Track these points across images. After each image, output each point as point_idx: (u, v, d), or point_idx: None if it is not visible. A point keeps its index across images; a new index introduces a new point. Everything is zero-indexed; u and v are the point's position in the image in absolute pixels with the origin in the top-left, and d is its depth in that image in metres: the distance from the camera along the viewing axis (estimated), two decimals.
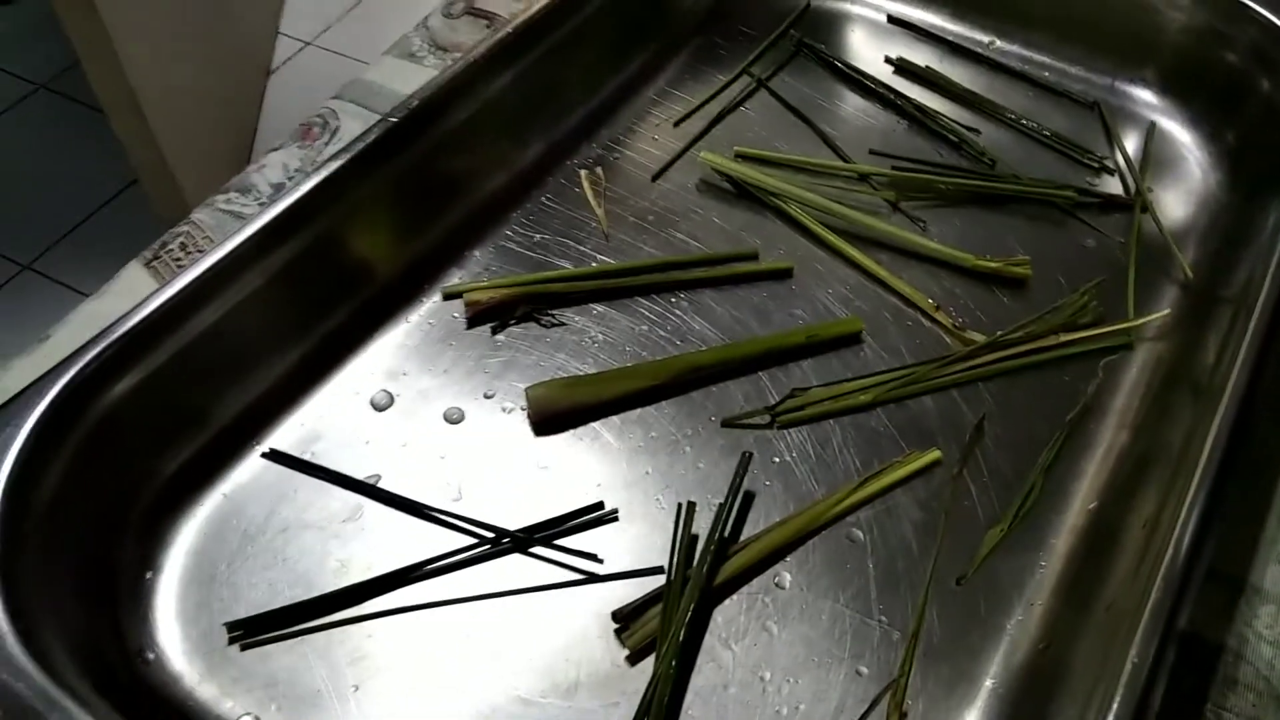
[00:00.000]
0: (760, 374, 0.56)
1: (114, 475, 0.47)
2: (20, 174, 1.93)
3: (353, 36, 2.12)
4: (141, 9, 1.58)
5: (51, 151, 1.96)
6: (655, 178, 0.65)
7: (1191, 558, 0.40)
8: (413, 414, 0.53)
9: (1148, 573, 0.40)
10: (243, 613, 0.46)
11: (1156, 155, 0.66)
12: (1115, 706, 0.36)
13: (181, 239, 0.62)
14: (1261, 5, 0.62)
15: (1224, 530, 0.49)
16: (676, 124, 0.69)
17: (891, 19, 0.75)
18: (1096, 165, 0.66)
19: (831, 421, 0.54)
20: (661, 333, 0.57)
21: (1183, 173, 0.65)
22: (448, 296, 0.58)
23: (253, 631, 0.46)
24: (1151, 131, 0.67)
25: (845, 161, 0.66)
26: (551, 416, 0.53)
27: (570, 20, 0.67)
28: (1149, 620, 0.38)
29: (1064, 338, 0.56)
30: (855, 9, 0.76)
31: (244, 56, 2.00)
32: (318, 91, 0.73)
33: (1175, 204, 0.64)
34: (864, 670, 0.45)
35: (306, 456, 0.51)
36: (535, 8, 0.65)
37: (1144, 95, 0.69)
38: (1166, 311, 0.57)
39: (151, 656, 0.45)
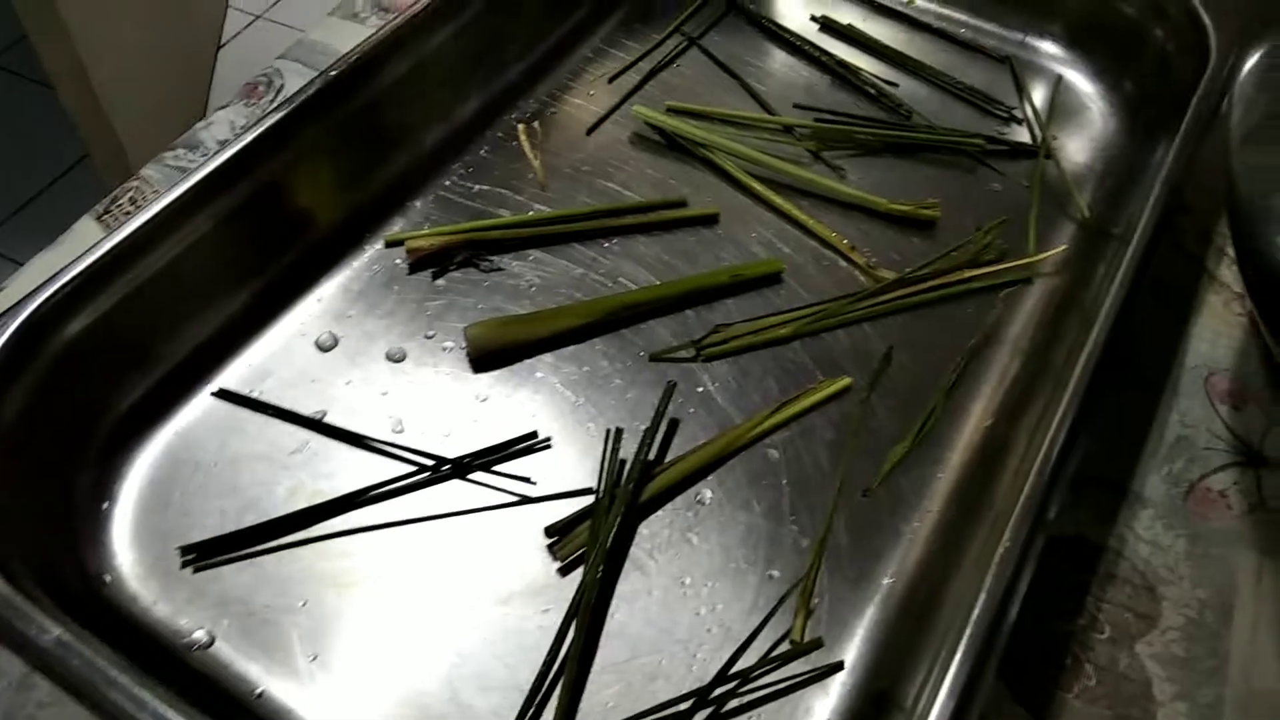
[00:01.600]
0: (687, 312, 0.59)
1: (70, 411, 0.50)
2: None
3: (302, 9, 2.12)
4: None
5: (2, 128, 1.95)
6: (590, 131, 0.68)
7: (1061, 459, 0.44)
8: (357, 354, 0.56)
9: (1024, 475, 0.44)
10: (196, 538, 0.49)
11: (1062, 106, 0.70)
12: (986, 586, 0.40)
13: (131, 193, 0.64)
14: None
15: (1110, 442, 0.54)
16: (611, 80, 0.72)
17: None
18: (1006, 116, 0.69)
19: (752, 354, 0.57)
20: (594, 276, 0.61)
21: (1085, 121, 0.69)
22: (390, 244, 0.61)
23: (205, 555, 0.49)
24: (1058, 84, 0.71)
25: (770, 114, 0.70)
26: (489, 353, 0.56)
27: None
28: (1019, 514, 0.42)
29: (968, 273, 0.60)
30: None
31: (194, 30, 2.00)
32: (267, 64, 0.75)
33: (1077, 150, 0.68)
34: (776, 574, 0.49)
35: (254, 395, 0.54)
36: None
37: (1052, 49, 0.73)
38: (1063, 247, 0.61)
39: (109, 579, 0.48)
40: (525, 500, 0.51)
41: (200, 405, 0.54)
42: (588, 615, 0.46)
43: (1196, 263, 0.62)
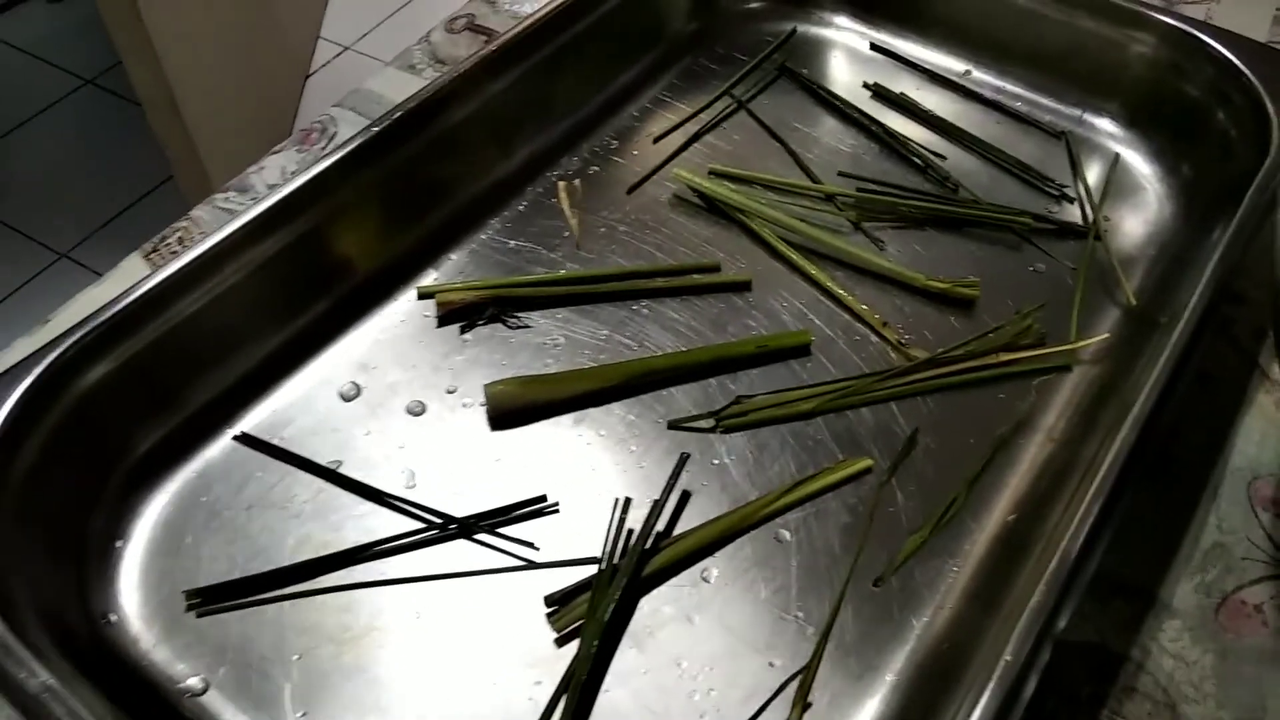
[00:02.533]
0: (710, 380, 0.58)
1: (90, 451, 0.51)
2: (64, 166, 2.01)
3: (391, 41, 2.19)
4: (183, 12, 1.64)
5: (96, 145, 2.04)
6: (630, 191, 0.69)
7: (1078, 563, 0.42)
8: (378, 405, 0.57)
9: (1038, 576, 0.42)
10: (203, 583, 0.50)
11: (1118, 185, 0.68)
12: (984, 700, 0.38)
13: (180, 233, 0.66)
14: (1217, 41, 0.64)
15: (1141, 545, 0.51)
16: (656, 140, 0.72)
17: (874, 46, 0.77)
18: (1057, 194, 0.68)
19: (772, 428, 0.56)
20: (620, 338, 0.60)
21: (1141, 203, 0.67)
22: (422, 296, 0.62)
23: (209, 600, 0.49)
24: (1115, 163, 0.69)
25: (814, 181, 0.69)
26: (508, 413, 0.56)
27: (560, 37, 0.71)
28: (1026, 620, 0.40)
29: (1003, 357, 0.58)
30: (839, 36, 0.79)
31: (283, 59, 2.06)
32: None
33: (1130, 233, 0.66)
34: (776, 662, 0.47)
35: (275, 441, 0.55)
36: (526, 23, 0.69)
37: (1110, 127, 0.71)
38: (1105, 335, 0.59)
39: (114, 619, 0.48)
40: (529, 565, 0.51)
41: (220, 448, 0.55)
42: (578, 693, 0.45)
43: (1248, 358, 0.59)
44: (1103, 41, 0.70)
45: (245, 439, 0.55)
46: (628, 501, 0.52)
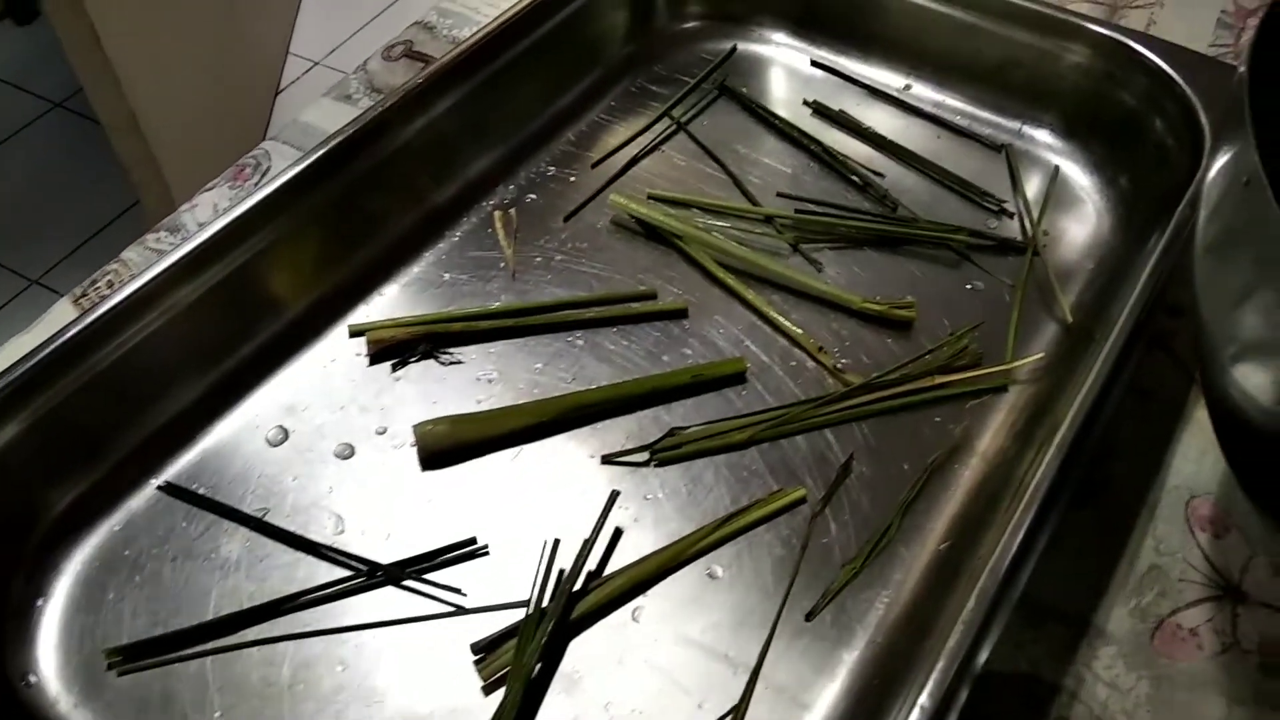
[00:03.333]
0: (645, 412, 0.58)
1: (7, 514, 0.50)
2: (34, 191, 1.99)
3: (362, 55, 2.18)
4: (146, 35, 1.63)
5: (66, 169, 2.02)
6: (567, 219, 0.68)
7: (1000, 591, 0.42)
8: (306, 449, 0.56)
9: (960, 606, 0.42)
10: (125, 639, 0.49)
11: (1058, 198, 0.68)
12: None
13: (110, 276, 0.65)
14: (1150, 50, 0.64)
15: (1075, 570, 0.51)
16: (594, 165, 0.71)
17: (814, 63, 0.77)
18: (996, 209, 0.67)
19: (707, 460, 0.56)
20: (555, 371, 0.60)
21: (1080, 215, 0.67)
22: (353, 334, 0.61)
23: (131, 658, 0.48)
24: (1055, 175, 0.69)
25: (753, 204, 0.68)
26: (438, 453, 0.56)
27: (495, 62, 0.70)
28: (944, 662, 0.40)
29: (939, 380, 0.58)
30: (779, 53, 0.78)
31: (252, 76, 2.05)
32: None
33: (1069, 247, 0.65)
34: (706, 704, 0.47)
35: (200, 490, 0.54)
36: (460, 49, 0.68)
37: (1049, 139, 0.70)
38: (1040, 355, 0.58)
39: (33, 680, 0.48)
40: (458, 611, 0.50)
41: (144, 498, 0.54)
42: None
43: (1187, 373, 0.59)
44: (1038, 53, 0.69)
45: (169, 489, 0.54)
46: (556, 543, 0.51)
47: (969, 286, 0.63)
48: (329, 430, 0.57)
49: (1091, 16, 0.67)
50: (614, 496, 0.53)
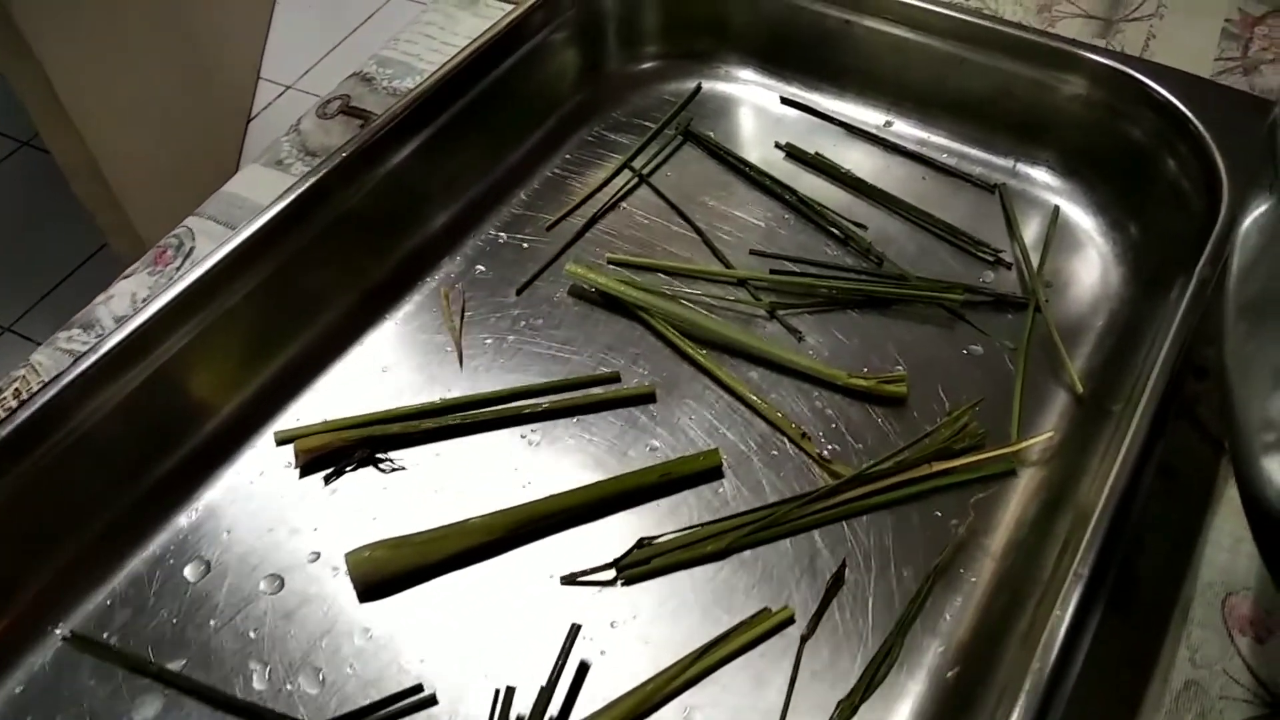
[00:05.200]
0: (611, 518, 0.52)
1: None
2: (2, 234, 1.93)
3: (334, 78, 2.12)
4: (102, 74, 1.57)
5: (35, 210, 1.96)
6: (520, 291, 0.62)
7: None
8: (229, 583, 0.50)
9: None
10: None
11: (1059, 243, 0.61)
12: None
13: (16, 384, 0.59)
14: (1155, 80, 0.58)
15: (1097, 688, 0.44)
16: (549, 228, 0.65)
17: (784, 100, 0.70)
18: (992, 259, 0.61)
19: (682, 574, 0.49)
20: (510, 473, 0.53)
21: (1085, 263, 0.60)
22: (281, 442, 0.55)
23: None
24: (1055, 217, 0.62)
25: (725, 265, 0.62)
26: (376, 583, 0.49)
27: (436, 120, 0.64)
28: None
29: (937, 467, 0.51)
30: (746, 91, 0.72)
31: (222, 105, 1.99)
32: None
33: (1075, 300, 0.59)
34: None
35: (112, 639, 0.48)
36: (399, 106, 0.62)
37: (1046, 178, 0.64)
38: (1050, 434, 0.52)
39: None
40: None
41: (47, 652, 0.48)
42: None
43: (1214, 443, 0.53)
44: (1031, 84, 0.63)
45: (76, 640, 0.48)
46: (510, 691, 0.45)
47: (965, 352, 0.57)
48: (256, 559, 0.51)
49: (1089, 44, 0.61)
50: (575, 630, 0.47)
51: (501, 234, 0.64)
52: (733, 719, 0.45)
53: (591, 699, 0.45)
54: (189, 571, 0.50)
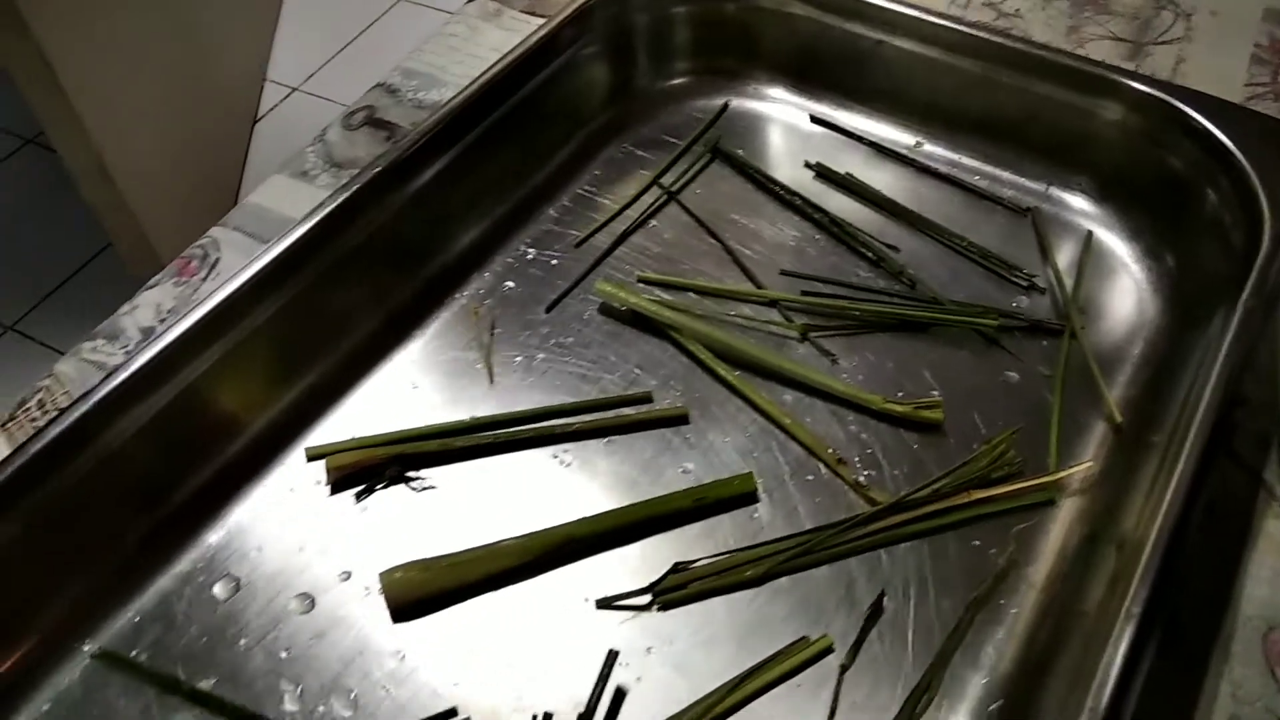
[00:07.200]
0: (645, 542, 0.51)
1: None
2: (6, 233, 1.92)
3: (340, 80, 2.11)
4: (110, 71, 1.56)
5: (39, 208, 1.95)
6: (549, 309, 0.61)
7: None
8: (259, 603, 0.49)
9: None
10: None
11: (1094, 269, 0.61)
12: None
13: (40, 395, 0.58)
14: (1194, 109, 0.57)
15: None
16: (578, 245, 0.65)
17: (814, 119, 0.70)
18: (1026, 284, 0.61)
19: (718, 600, 0.49)
20: (540, 494, 0.53)
21: (1121, 290, 0.60)
22: (311, 458, 0.54)
23: None
24: (1088, 243, 0.62)
25: (756, 285, 0.62)
26: (409, 603, 0.49)
27: (466, 137, 0.63)
28: None
29: (976, 495, 0.51)
30: (775, 110, 0.71)
31: (228, 106, 1.98)
32: (304, 137, 0.70)
33: (1110, 327, 0.58)
34: None
35: (141, 656, 0.47)
36: (430, 122, 0.61)
37: (1080, 204, 0.64)
38: (1089, 464, 0.52)
39: None
40: None
41: (75, 671, 0.47)
42: None
43: (1253, 475, 0.52)
44: (1066, 108, 0.63)
45: (104, 657, 0.47)
46: (547, 718, 0.44)
47: (1001, 379, 0.57)
48: (286, 578, 0.50)
49: (1126, 70, 0.61)
50: (613, 657, 0.46)
51: (530, 250, 0.64)
52: None
53: None
54: (219, 589, 0.49)
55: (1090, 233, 0.62)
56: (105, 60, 1.56)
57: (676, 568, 0.50)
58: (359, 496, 0.53)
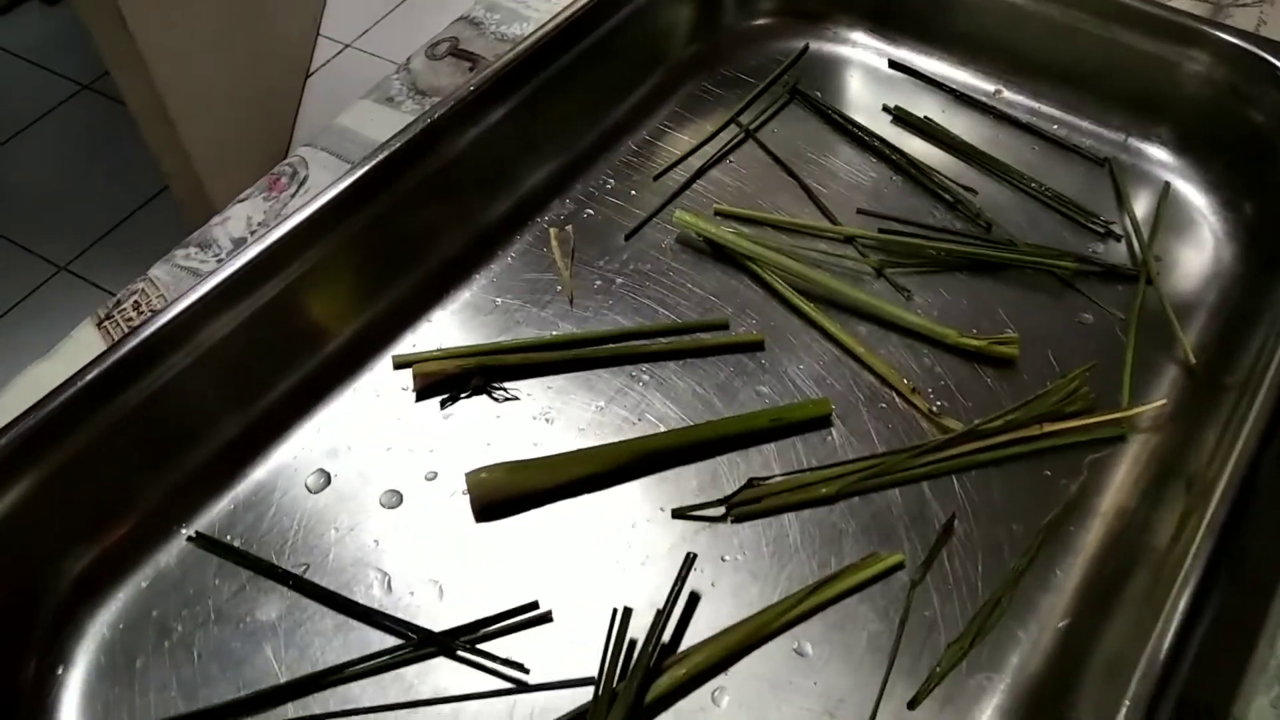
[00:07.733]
0: (719, 458, 0.52)
1: (21, 570, 0.45)
2: (61, 174, 1.95)
3: (392, 38, 2.12)
4: (172, 17, 1.58)
5: (93, 152, 1.98)
6: (628, 237, 0.62)
7: (1159, 690, 0.36)
8: (349, 497, 0.51)
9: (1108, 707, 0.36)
10: (152, 715, 0.44)
11: (1169, 219, 0.62)
12: None
13: (136, 297, 0.60)
14: None
15: (1208, 655, 0.45)
16: (656, 178, 0.66)
17: (893, 64, 0.71)
18: (1102, 230, 0.61)
19: (791, 514, 0.50)
20: (618, 410, 0.54)
21: (1196, 240, 0.61)
22: (398, 366, 0.56)
23: None
24: (1165, 193, 0.62)
25: (832, 222, 0.63)
26: (493, 503, 0.50)
27: (551, 66, 0.64)
28: None
29: (1049, 428, 0.52)
30: (855, 53, 0.72)
31: (282, 59, 2.00)
32: (355, 93, 0.72)
33: (1185, 275, 0.59)
34: None
35: (235, 542, 0.49)
36: (515, 52, 0.63)
37: (1159, 154, 0.64)
38: (1162, 401, 0.53)
39: None
40: (518, 687, 0.45)
41: (174, 552, 0.49)
42: None
43: None
44: (1149, 59, 0.63)
45: (200, 540, 0.49)
46: (627, 612, 0.46)
47: (1076, 319, 0.57)
48: (374, 475, 0.52)
49: (1215, 21, 0.61)
50: (690, 559, 0.48)
51: (610, 180, 0.65)
52: (843, 655, 0.45)
53: (701, 630, 0.46)
54: (310, 481, 0.51)
55: (1168, 183, 0.63)
56: (169, 4, 1.58)
57: (751, 482, 0.51)
58: (444, 404, 0.54)
